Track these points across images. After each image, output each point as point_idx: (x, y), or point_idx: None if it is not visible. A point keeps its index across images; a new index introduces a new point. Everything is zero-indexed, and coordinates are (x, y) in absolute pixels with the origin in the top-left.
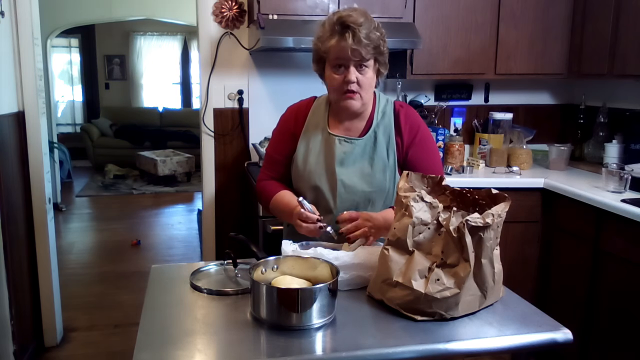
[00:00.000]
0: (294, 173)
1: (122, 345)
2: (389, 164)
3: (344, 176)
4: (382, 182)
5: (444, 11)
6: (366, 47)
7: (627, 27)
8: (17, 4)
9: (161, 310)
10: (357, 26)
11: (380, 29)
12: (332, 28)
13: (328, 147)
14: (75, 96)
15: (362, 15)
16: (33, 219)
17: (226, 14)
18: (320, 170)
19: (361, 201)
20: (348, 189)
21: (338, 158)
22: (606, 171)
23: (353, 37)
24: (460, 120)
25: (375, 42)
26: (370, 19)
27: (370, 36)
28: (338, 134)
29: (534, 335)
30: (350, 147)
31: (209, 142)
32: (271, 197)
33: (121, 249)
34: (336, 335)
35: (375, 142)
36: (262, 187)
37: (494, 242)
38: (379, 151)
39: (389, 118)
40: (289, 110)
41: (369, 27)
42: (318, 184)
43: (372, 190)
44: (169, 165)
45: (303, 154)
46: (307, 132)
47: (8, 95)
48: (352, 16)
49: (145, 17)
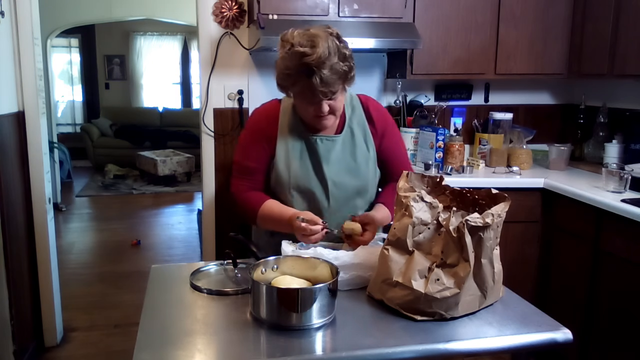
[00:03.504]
0: (276, 179)
1: (122, 345)
2: (370, 155)
3: (332, 174)
4: (366, 173)
5: (444, 11)
6: (334, 83)
7: (627, 27)
8: (17, 4)
9: (161, 310)
10: (322, 65)
11: (343, 49)
12: (297, 69)
13: (310, 148)
14: (75, 96)
15: (324, 44)
16: (33, 219)
17: (226, 14)
18: (307, 172)
19: (351, 196)
20: (338, 186)
21: (324, 157)
22: (606, 171)
23: (320, 79)
24: (460, 120)
25: (341, 72)
26: (331, 43)
27: (336, 69)
28: (316, 134)
29: (534, 335)
30: (331, 144)
31: (209, 142)
32: (258, 209)
33: (121, 249)
34: (336, 335)
35: (353, 137)
36: (244, 200)
37: (493, 242)
38: (358, 144)
39: (359, 111)
40: (257, 115)
41: (333, 58)
42: (308, 186)
43: (360, 183)
44: (169, 165)
45: (284, 158)
46: (283, 135)
47: (8, 95)
48: (315, 53)
49: (145, 17)
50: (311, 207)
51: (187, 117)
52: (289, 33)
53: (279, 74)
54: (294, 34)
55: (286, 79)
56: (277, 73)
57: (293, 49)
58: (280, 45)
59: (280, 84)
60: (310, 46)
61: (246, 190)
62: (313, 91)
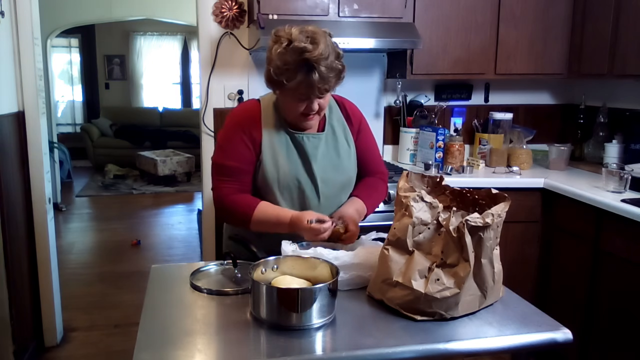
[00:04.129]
0: (263, 178)
1: (122, 345)
2: (351, 150)
3: (320, 171)
4: (349, 168)
5: (444, 11)
6: (330, 80)
7: (627, 27)
8: (17, 4)
9: (161, 310)
10: (322, 61)
11: (336, 49)
12: (296, 64)
13: (297, 146)
14: (75, 96)
15: (323, 40)
16: (33, 219)
17: (226, 14)
18: (297, 171)
19: (337, 191)
20: (326, 182)
21: (311, 155)
22: (606, 171)
23: (320, 74)
24: (460, 120)
25: (337, 70)
26: (329, 41)
27: (333, 67)
28: (300, 132)
29: (534, 335)
30: (318, 141)
31: (209, 142)
32: (251, 212)
33: (121, 249)
34: (336, 335)
35: (335, 134)
36: (232, 204)
37: (493, 242)
38: (340, 141)
39: (336, 110)
40: (238, 114)
41: (331, 56)
42: (297, 184)
43: (344, 178)
44: (169, 165)
45: (271, 157)
46: (268, 134)
47: (8, 95)
48: (317, 50)
49: (145, 17)
50: (301, 204)
51: (187, 117)
52: (284, 29)
53: (276, 69)
54: (291, 30)
55: (282, 74)
56: (271, 68)
57: (293, 44)
58: (274, 40)
59: (274, 80)
60: (311, 42)
61: (233, 192)
62: (310, 87)
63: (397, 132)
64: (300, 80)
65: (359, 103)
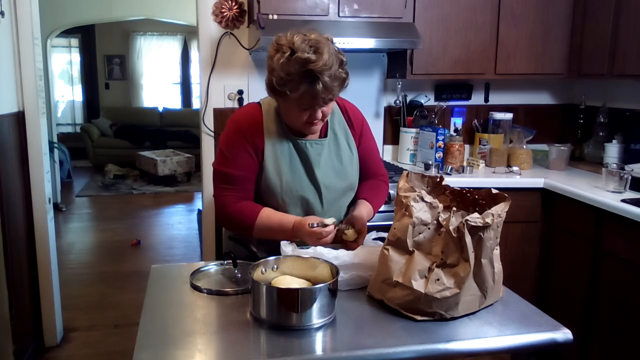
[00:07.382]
0: (266, 185)
1: (122, 345)
2: (353, 156)
3: (323, 177)
4: (352, 174)
5: (444, 11)
6: (334, 89)
7: (627, 27)
8: (17, 4)
9: (161, 310)
10: (325, 71)
11: (340, 55)
12: (300, 75)
13: (301, 153)
14: (75, 96)
15: (326, 50)
16: (33, 219)
17: (226, 14)
18: (300, 178)
19: (339, 197)
20: (329, 189)
21: (314, 161)
22: (606, 171)
23: (324, 85)
24: (460, 120)
25: (340, 79)
26: (332, 49)
27: (337, 76)
28: (303, 138)
29: (534, 335)
30: (320, 148)
31: (209, 142)
32: (254, 220)
33: (121, 249)
34: (336, 335)
35: (337, 139)
36: (236, 212)
37: (494, 242)
38: (342, 147)
39: (338, 114)
40: (239, 120)
41: (335, 65)
42: (301, 191)
43: (347, 184)
44: (169, 165)
45: (273, 164)
46: (270, 140)
47: (8, 95)
48: (321, 60)
49: (145, 17)
50: (304, 211)
51: (187, 117)
52: (286, 37)
53: (279, 79)
54: (294, 39)
55: (286, 85)
56: (274, 78)
57: (296, 54)
58: (275, 48)
59: (276, 90)
60: (314, 52)
61: (235, 201)
62: (314, 97)
63: (397, 132)
64: (304, 90)
65: (359, 103)
